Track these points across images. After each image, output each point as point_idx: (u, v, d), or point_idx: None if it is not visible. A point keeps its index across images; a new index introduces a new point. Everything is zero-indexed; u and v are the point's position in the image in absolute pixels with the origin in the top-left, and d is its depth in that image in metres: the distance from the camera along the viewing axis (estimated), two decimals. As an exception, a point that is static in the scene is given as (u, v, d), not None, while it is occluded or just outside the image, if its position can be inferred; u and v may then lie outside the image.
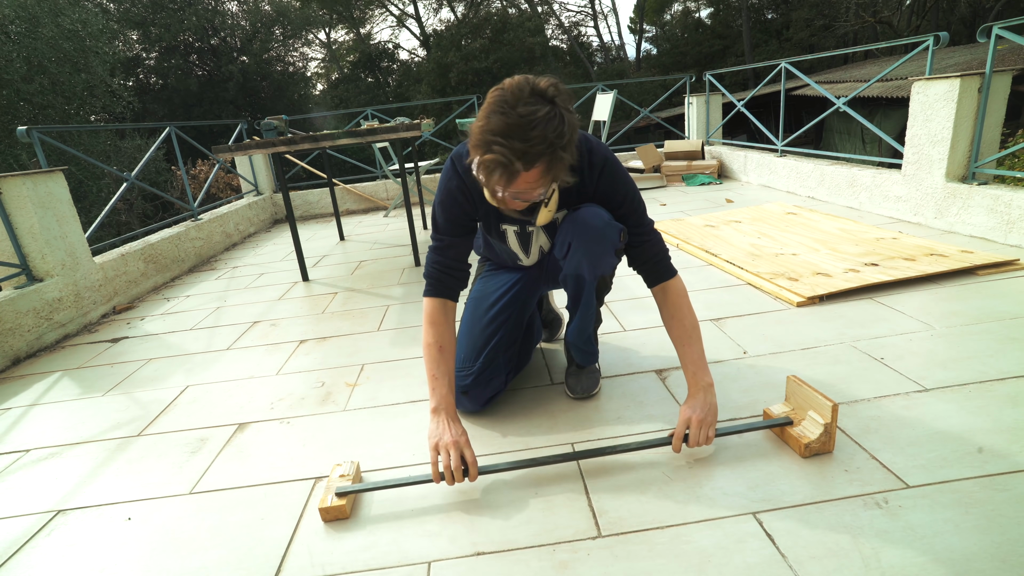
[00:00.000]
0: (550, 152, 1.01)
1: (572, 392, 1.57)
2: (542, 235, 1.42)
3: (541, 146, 0.99)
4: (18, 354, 2.31)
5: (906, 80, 7.52)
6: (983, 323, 1.73)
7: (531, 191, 1.10)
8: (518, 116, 0.98)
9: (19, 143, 9.29)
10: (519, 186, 1.06)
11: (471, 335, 1.51)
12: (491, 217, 1.37)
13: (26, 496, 1.38)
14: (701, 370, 1.29)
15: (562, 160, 1.04)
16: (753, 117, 4.92)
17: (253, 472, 1.38)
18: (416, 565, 1.03)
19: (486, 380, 1.47)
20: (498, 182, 1.04)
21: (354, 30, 23.34)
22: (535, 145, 0.99)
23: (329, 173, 4.46)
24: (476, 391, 1.47)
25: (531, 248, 1.46)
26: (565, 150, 1.03)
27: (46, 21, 9.72)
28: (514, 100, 1.00)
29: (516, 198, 1.13)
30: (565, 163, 1.05)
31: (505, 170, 1.01)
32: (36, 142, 2.84)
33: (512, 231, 1.41)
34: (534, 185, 1.07)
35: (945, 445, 1.19)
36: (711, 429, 1.22)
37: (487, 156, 1.01)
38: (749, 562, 0.96)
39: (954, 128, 2.67)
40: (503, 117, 0.99)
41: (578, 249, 1.29)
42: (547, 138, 0.99)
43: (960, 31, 16.84)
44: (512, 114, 0.99)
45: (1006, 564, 0.89)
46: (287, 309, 2.65)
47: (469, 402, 1.49)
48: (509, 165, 1.00)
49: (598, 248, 1.27)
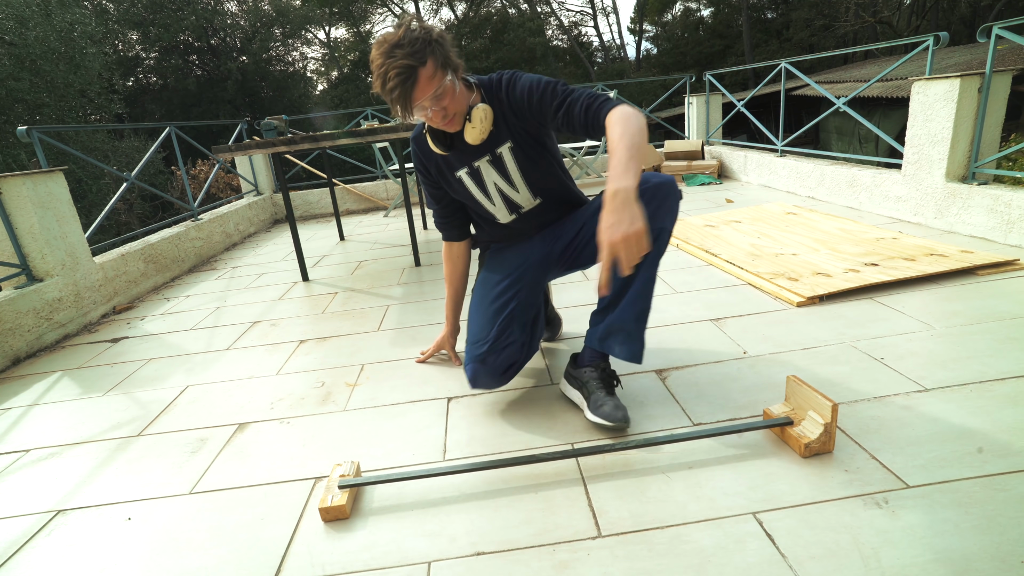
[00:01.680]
0: (427, 45, 1.21)
1: (608, 420, 1.33)
2: (493, 172, 1.45)
3: (418, 43, 1.20)
4: (18, 354, 2.31)
5: (906, 80, 7.52)
6: (983, 323, 1.73)
7: (439, 93, 1.25)
8: (386, 40, 1.22)
9: (18, 143, 9.29)
10: (424, 89, 1.23)
11: (481, 310, 1.51)
12: (444, 169, 1.51)
13: (26, 496, 1.38)
14: (614, 177, 1.07)
15: (443, 48, 1.25)
16: (753, 117, 4.93)
17: (253, 472, 1.38)
18: (416, 565, 1.03)
19: (500, 347, 1.43)
20: (407, 92, 1.22)
21: (354, 29, 23.33)
22: (413, 45, 1.19)
23: (329, 173, 4.45)
24: (491, 358, 1.43)
25: (489, 190, 1.48)
26: (440, 43, 1.24)
27: (37, 21, 9.72)
28: (382, 39, 1.23)
29: (434, 108, 1.27)
30: (448, 52, 1.26)
31: (402, 76, 1.19)
32: (36, 142, 2.84)
33: (465, 175, 1.48)
34: (435, 82, 1.23)
35: (945, 445, 1.19)
36: (636, 240, 1.02)
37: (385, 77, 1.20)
38: (749, 562, 0.96)
39: (954, 128, 2.67)
40: (378, 48, 1.22)
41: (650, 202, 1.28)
42: (418, 38, 1.20)
43: (960, 31, 16.85)
44: (384, 44, 1.22)
45: (1006, 564, 0.89)
46: (287, 309, 2.65)
47: (487, 373, 1.44)
48: (404, 71, 1.19)
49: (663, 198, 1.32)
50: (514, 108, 1.37)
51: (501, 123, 1.39)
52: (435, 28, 1.26)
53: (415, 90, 1.22)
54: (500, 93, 1.37)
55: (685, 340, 1.84)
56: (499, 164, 1.44)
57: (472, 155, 1.44)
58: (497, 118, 1.39)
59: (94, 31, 11.04)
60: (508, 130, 1.40)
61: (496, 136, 1.40)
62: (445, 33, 1.28)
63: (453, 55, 1.29)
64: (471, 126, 1.35)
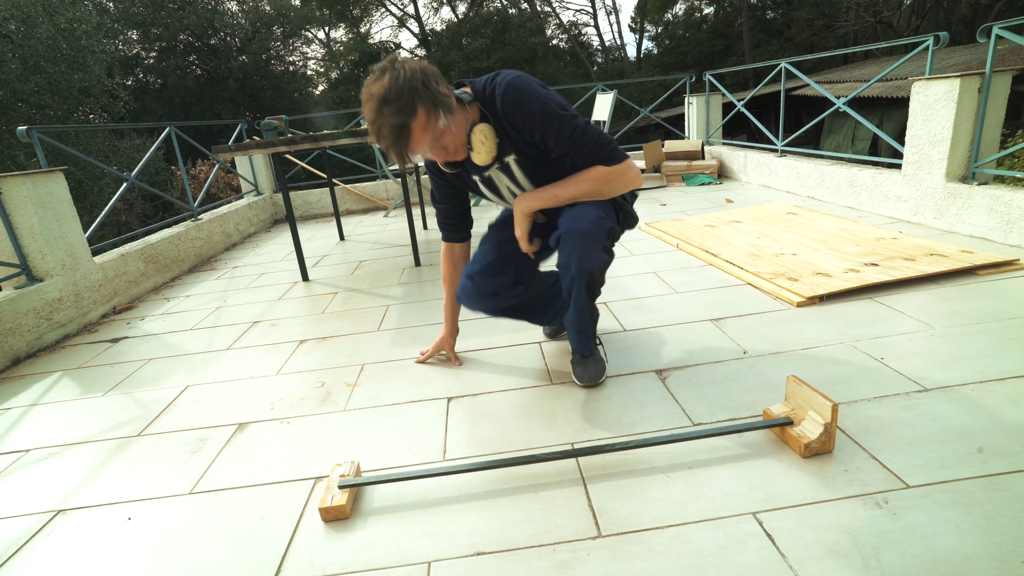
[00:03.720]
0: (414, 93, 1.18)
1: (579, 380, 1.61)
2: (503, 178, 1.47)
3: (404, 94, 1.17)
4: (18, 354, 2.31)
5: (906, 80, 7.52)
6: (983, 323, 1.73)
7: (436, 136, 1.24)
8: (373, 96, 1.19)
9: (18, 143, 9.28)
10: (420, 140, 1.23)
11: (490, 239, 1.62)
12: (460, 179, 1.53)
13: (26, 496, 1.38)
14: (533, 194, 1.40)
15: (429, 89, 1.20)
16: (753, 117, 4.92)
17: (253, 472, 1.38)
18: (416, 565, 1.03)
19: (493, 272, 1.54)
20: (403, 147, 1.21)
21: (354, 30, 23.33)
22: (400, 98, 1.17)
23: (329, 173, 4.45)
24: (480, 279, 1.54)
25: (502, 192, 1.51)
26: (426, 84, 1.20)
27: (42, 20, 9.71)
28: (368, 93, 1.21)
29: (434, 150, 1.29)
30: (436, 92, 1.22)
31: (396, 134, 1.19)
32: (36, 142, 2.84)
33: (478, 180, 1.50)
34: (430, 130, 1.22)
35: (945, 445, 1.19)
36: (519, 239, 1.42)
37: (379, 135, 1.20)
38: (749, 562, 0.96)
39: (954, 128, 2.67)
40: (367, 104, 1.21)
41: (566, 243, 1.38)
42: (404, 88, 1.17)
43: (960, 31, 16.84)
44: (372, 100, 1.20)
45: (1006, 564, 0.90)
46: (287, 309, 2.65)
47: (474, 290, 1.55)
48: (396, 130, 1.19)
49: (583, 244, 1.36)
50: (513, 124, 1.34)
51: (503, 137, 1.37)
52: (418, 67, 1.22)
53: (411, 143, 1.22)
54: (495, 106, 1.32)
55: (685, 340, 1.84)
56: (507, 171, 1.44)
57: (483, 167, 1.45)
58: (498, 132, 1.36)
59: (99, 27, 11.02)
60: (510, 143, 1.37)
61: (501, 149, 1.39)
62: (428, 67, 1.24)
63: (442, 89, 1.24)
64: (475, 152, 1.35)
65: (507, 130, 1.35)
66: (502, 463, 1.22)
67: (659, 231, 3.25)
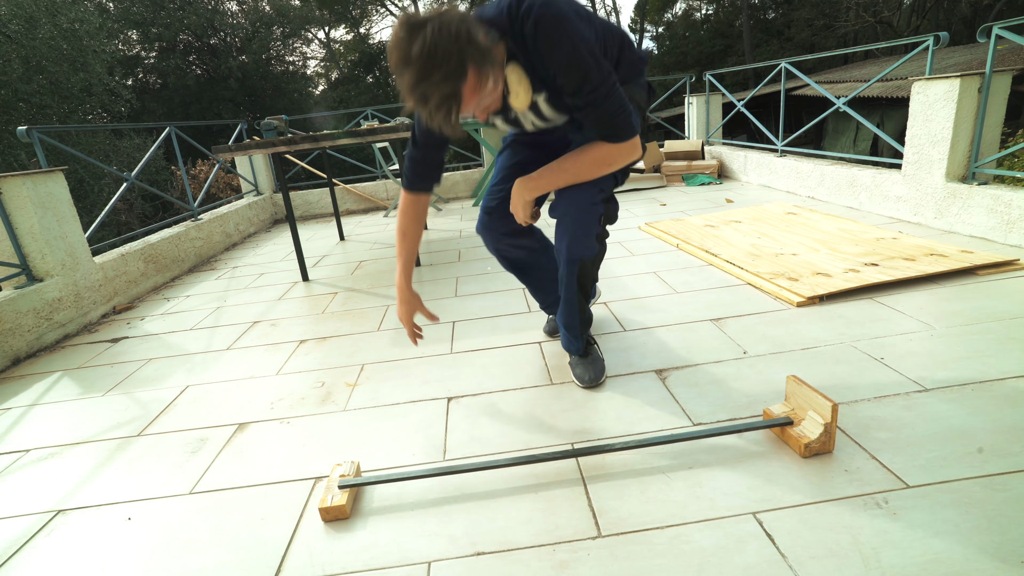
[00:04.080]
0: (463, 52, 1.01)
1: (580, 381, 1.61)
2: (529, 115, 1.39)
3: (454, 55, 1.00)
4: (18, 354, 2.31)
5: (906, 80, 7.52)
6: (983, 323, 1.73)
7: (484, 96, 1.10)
8: (419, 55, 0.99)
9: (19, 143, 9.29)
10: (468, 103, 1.08)
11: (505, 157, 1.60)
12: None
13: (26, 496, 1.38)
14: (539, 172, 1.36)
15: (478, 50, 1.04)
16: (753, 117, 4.92)
17: (253, 472, 1.38)
18: (416, 565, 1.03)
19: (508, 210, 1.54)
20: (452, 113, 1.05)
21: (354, 30, 23.33)
22: (449, 60, 1.00)
23: (329, 173, 4.45)
24: (496, 218, 1.57)
25: (525, 126, 1.46)
26: (471, 43, 1.02)
27: (43, 20, 9.72)
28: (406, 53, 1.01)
29: (479, 109, 1.15)
30: (483, 52, 1.05)
31: (448, 102, 1.03)
32: (36, 142, 2.84)
33: (499, 121, 1.47)
34: (479, 90, 1.08)
35: (945, 445, 1.19)
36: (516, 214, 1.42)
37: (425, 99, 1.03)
38: (749, 562, 0.96)
39: (954, 128, 2.67)
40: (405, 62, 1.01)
41: (560, 225, 1.41)
42: (451, 50, 1.00)
43: (960, 31, 16.84)
44: (416, 60, 1.00)
45: (1006, 564, 0.90)
46: (287, 309, 2.65)
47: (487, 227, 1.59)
48: (448, 97, 1.02)
49: (575, 231, 1.38)
50: (543, 62, 1.20)
51: (533, 76, 1.25)
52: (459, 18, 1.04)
53: (461, 109, 1.07)
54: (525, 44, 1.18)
55: (685, 340, 1.84)
56: (535, 109, 1.36)
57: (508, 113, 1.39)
58: (527, 69, 1.24)
59: (101, 27, 11.02)
60: (540, 81, 1.26)
61: (534, 87, 1.28)
62: (468, 16, 1.07)
63: (483, 38, 1.06)
64: (513, 96, 1.25)
65: (537, 69, 1.23)
66: (502, 463, 1.22)
67: (659, 231, 3.25)
